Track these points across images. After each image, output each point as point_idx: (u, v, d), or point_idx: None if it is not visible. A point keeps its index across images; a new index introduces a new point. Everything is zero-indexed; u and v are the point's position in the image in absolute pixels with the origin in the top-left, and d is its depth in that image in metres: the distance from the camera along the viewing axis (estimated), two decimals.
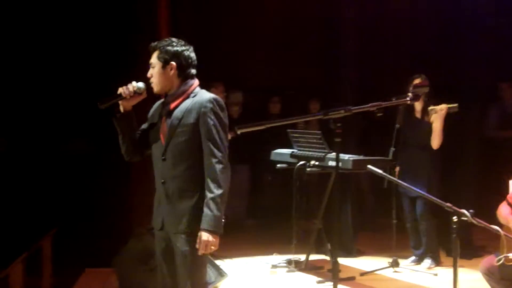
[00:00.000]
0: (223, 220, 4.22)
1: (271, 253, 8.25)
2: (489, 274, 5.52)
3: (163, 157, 4.34)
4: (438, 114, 7.60)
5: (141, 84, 4.38)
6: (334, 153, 6.85)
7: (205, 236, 4.16)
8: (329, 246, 7.24)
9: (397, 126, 7.88)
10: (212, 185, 4.19)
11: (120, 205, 7.79)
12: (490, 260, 5.45)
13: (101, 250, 7.30)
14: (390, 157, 7.68)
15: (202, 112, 4.26)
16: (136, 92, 4.37)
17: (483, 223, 4.01)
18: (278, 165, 7.94)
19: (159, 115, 4.45)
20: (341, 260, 8.04)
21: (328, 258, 7.93)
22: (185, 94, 4.37)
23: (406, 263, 8.02)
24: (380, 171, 4.17)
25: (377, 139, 8.88)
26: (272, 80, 10.29)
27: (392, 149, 7.74)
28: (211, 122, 4.25)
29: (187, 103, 4.34)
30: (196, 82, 4.45)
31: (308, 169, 7.43)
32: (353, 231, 8.94)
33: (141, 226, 6.69)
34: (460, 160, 8.87)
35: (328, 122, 4.10)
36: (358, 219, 9.39)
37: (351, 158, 7.18)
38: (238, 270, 7.79)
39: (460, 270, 4.88)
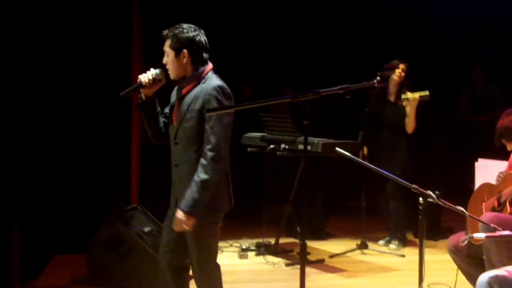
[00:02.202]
0: (201, 207, 4.28)
1: (241, 237, 8.29)
2: (456, 252, 5.56)
3: (175, 141, 4.47)
4: (410, 102, 7.68)
5: (159, 71, 4.45)
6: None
7: (180, 215, 4.27)
8: (298, 229, 7.28)
9: (367, 110, 7.95)
10: (200, 169, 4.27)
11: (90, 191, 7.77)
12: (458, 237, 5.50)
13: (71, 236, 7.28)
14: (360, 140, 7.74)
15: (207, 99, 4.34)
16: (155, 79, 4.44)
17: (449, 204, 4.05)
18: (249, 149, 7.94)
19: (176, 99, 4.55)
20: (311, 243, 8.14)
21: (298, 241, 7.98)
22: (197, 80, 4.45)
23: (381, 243, 8.11)
24: (349, 154, 4.20)
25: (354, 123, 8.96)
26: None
27: (362, 132, 7.80)
28: None
29: (196, 90, 4.42)
30: (208, 67, 4.51)
31: (278, 152, 7.46)
32: (324, 214, 9.01)
33: (112, 212, 6.70)
34: (430, 143, 8.97)
35: (297, 106, 4.13)
36: (328, 202, 9.46)
37: (321, 142, 7.22)
38: None
39: (427, 251, 4.96)
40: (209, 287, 4.56)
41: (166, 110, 4.67)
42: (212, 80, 4.43)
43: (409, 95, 7.68)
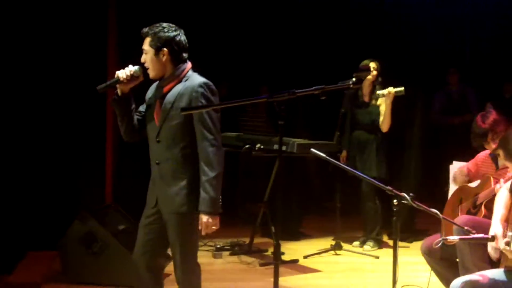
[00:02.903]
0: (220, 201, 4.36)
1: (216, 236, 8.26)
2: (429, 254, 5.58)
3: (157, 139, 4.45)
4: (385, 98, 7.69)
5: (137, 68, 4.44)
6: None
7: (204, 218, 4.32)
8: (273, 229, 7.28)
9: (342, 110, 7.96)
10: (206, 168, 4.32)
11: (65, 188, 7.72)
12: (431, 240, 5.52)
13: (45, 232, 7.24)
14: (335, 141, 7.74)
15: (194, 97, 4.36)
16: (133, 76, 4.43)
17: (423, 207, 4.06)
18: (224, 148, 7.90)
19: (154, 98, 4.55)
20: (286, 243, 8.15)
21: (272, 241, 7.97)
22: (178, 79, 4.46)
23: (356, 244, 8.14)
24: (323, 154, 4.20)
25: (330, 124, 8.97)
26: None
27: (337, 133, 7.81)
28: None
29: (179, 87, 4.43)
30: (188, 65, 4.53)
31: (253, 152, 7.45)
32: (298, 214, 9.02)
33: (86, 209, 6.66)
34: (404, 144, 9.00)
35: (273, 106, 4.12)
36: (303, 203, 9.48)
37: (296, 142, 7.23)
38: None
39: (401, 253, 4.96)
40: (190, 285, 4.57)
41: (141, 108, 4.65)
42: (196, 78, 4.46)
43: (384, 90, 7.68)
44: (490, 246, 4.32)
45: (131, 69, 4.42)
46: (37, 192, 7.57)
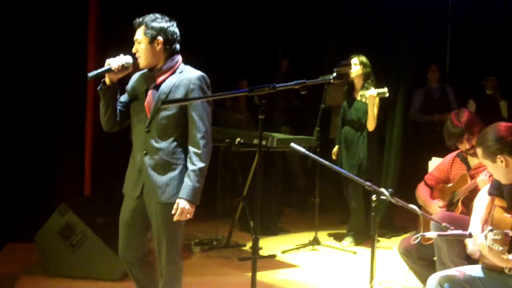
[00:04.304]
0: (200, 193, 4.42)
1: (194, 230, 8.25)
2: (407, 254, 5.62)
3: (147, 129, 4.47)
4: (369, 100, 7.72)
5: (129, 59, 4.45)
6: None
7: (182, 203, 4.36)
8: (251, 223, 7.29)
9: (322, 106, 7.97)
10: (194, 158, 4.39)
11: (43, 180, 7.68)
12: (408, 240, 5.55)
13: (24, 224, 7.20)
14: (315, 136, 7.76)
15: (191, 89, 4.43)
16: (124, 66, 4.43)
17: (402, 202, 4.08)
18: None
19: (145, 88, 4.55)
20: (264, 238, 8.17)
21: (251, 235, 7.98)
22: (172, 70, 4.52)
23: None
24: (303, 149, 4.21)
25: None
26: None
27: (317, 128, 7.83)
28: None
29: (174, 79, 4.48)
30: (180, 58, 4.59)
31: (233, 146, 7.45)
32: (277, 209, 9.03)
33: (65, 201, 6.63)
34: (385, 141, 9.03)
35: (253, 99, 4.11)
36: (286, 198, 9.50)
37: (276, 137, 7.23)
38: None
39: (379, 249, 4.98)
40: (173, 275, 4.61)
41: (123, 99, 4.65)
42: (192, 70, 4.54)
43: (367, 92, 7.71)
44: (470, 244, 4.35)
45: (123, 58, 4.43)
46: (15, 184, 7.51)
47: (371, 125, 7.88)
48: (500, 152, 4.21)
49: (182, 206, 4.36)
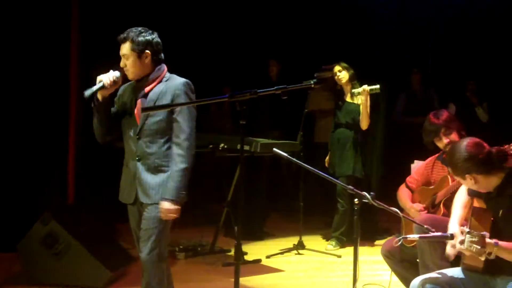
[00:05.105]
0: (184, 194, 4.56)
1: (178, 236, 8.25)
2: (390, 256, 5.62)
3: (137, 136, 4.61)
4: (361, 96, 7.77)
5: (118, 74, 4.56)
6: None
7: (166, 204, 4.51)
8: (236, 229, 7.29)
9: (306, 111, 8.00)
10: (178, 159, 4.54)
11: (26, 188, 7.65)
12: (391, 242, 5.56)
13: (5, 234, 7.17)
14: (298, 141, 7.78)
15: (176, 94, 4.57)
16: (115, 81, 4.54)
17: (383, 205, 4.10)
18: None
19: (133, 98, 4.69)
20: (249, 243, 8.19)
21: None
22: (159, 78, 4.66)
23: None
24: (285, 154, 4.23)
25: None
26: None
27: (301, 133, 7.85)
28: None
29: (161, 87, 4.63)
30: (165, 66, 4.73)
31: (217, 152, 7.46)
32: (263, 214, 9.04)
33: (47, 209, 6.61)
34: (368, 144, 9.07)
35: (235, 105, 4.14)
36: (272, 203, 9.51)
37: (260, 142, 7.25)
38: None
39: (363, 252, 5.01)
40: (158, 269, 4.74)
41: (113, 109, 4.75)
42: (177, 78, 4.69)
43: (359, 88, 7.76)
44: (448, 244, 4.38)
45: (114, 74, 4.55)
46: None
47: (365, 123, 7.92)
48: (468, 171, 4.26)
49: (166, 207, 4.50)
